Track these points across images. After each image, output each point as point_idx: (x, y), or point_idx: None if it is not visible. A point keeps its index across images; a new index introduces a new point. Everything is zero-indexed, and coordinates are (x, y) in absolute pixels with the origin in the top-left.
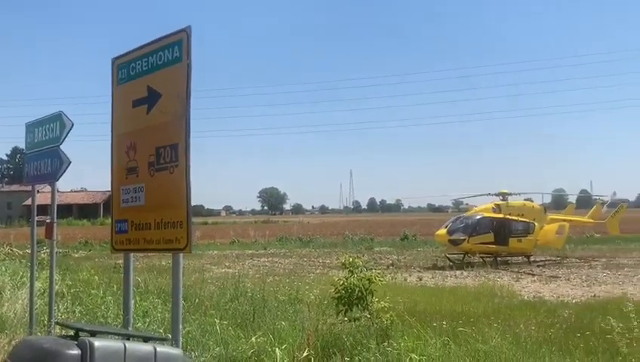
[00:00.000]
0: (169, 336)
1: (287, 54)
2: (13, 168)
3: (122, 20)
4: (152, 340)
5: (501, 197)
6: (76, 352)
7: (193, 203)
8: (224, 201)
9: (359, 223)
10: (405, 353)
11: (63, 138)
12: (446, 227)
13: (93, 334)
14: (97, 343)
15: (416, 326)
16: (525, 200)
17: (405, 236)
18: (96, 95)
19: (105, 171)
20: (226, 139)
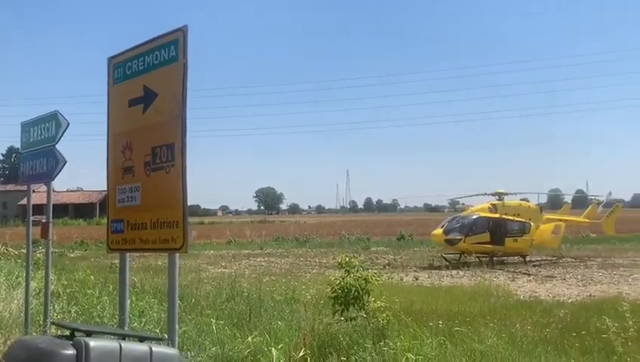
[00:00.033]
0: (165, 336)
1: (281, 54)
2: (9, 167)
3: (122, 20)
4: (147, 340)
5: (497, 197)
6: (71, 352)
7: (189, 202)
8: (220, 201)
9: (356, 223)
10: (401, 352)
11: (59, 137)
12: (442, 227)
13: (89, 334)
14: (93, 343)
15: (413, 325)
16: (521, 200)
17: (402, 236)
18: (96, 94)
19: (101, 171)
20: (223, 139)
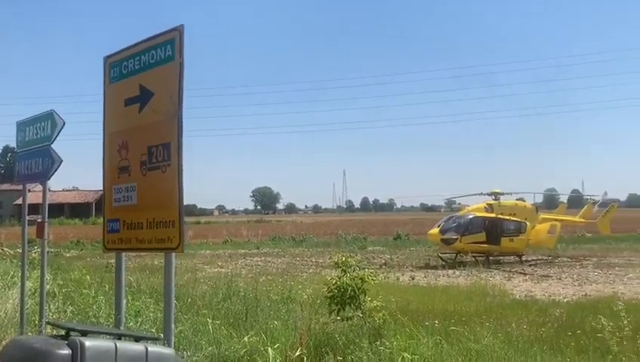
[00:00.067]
0: (161, 336)
1: (278, 54)
2: (4, 167)
3: (120, 19)
4: (143, 340)
5: (493, 197)
6: (66, 352)
7: (186, 202)
8: (217, 201)
9: (352, 223)
10: (398, 352)
11: (55, 137)
12: (438, 226)
13: (85, 334)
14: (88, 343)
15: (409, 325)
16: (517, 199)
17: (398, 235)
18: (93, 93)
19: (97, 170)
20: (219, 138)
